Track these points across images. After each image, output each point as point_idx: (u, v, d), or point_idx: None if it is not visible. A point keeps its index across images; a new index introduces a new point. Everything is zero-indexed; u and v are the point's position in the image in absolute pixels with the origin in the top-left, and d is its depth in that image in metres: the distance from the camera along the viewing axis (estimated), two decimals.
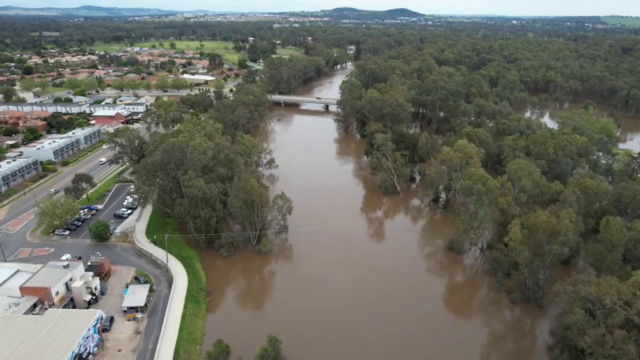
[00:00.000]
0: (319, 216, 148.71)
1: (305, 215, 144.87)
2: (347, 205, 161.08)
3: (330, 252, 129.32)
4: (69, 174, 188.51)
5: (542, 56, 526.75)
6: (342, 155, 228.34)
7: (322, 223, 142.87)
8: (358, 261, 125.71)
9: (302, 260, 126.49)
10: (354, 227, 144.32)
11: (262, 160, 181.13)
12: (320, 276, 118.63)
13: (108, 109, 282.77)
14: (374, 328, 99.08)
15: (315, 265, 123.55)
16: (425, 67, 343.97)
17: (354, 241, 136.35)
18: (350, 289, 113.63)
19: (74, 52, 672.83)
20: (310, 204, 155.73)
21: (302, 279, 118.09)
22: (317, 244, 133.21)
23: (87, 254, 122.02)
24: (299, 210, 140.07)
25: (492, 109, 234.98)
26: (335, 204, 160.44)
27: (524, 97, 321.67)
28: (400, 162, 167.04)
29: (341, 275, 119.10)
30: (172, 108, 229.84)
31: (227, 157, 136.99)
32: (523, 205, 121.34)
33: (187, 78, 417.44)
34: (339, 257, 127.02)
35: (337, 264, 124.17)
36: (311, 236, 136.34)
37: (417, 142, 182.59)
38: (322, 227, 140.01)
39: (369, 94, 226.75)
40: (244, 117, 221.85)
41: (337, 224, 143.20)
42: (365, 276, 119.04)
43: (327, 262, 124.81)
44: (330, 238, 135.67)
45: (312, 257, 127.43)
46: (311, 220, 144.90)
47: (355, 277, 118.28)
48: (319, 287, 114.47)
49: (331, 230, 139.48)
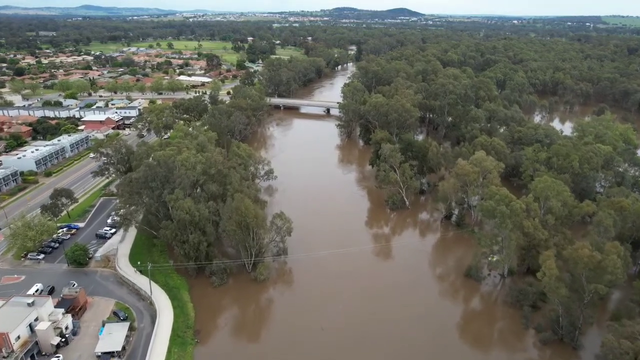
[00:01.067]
0: (322, 236, 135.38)
1: (306, 235, 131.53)
2: (351, 222, 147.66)
3: (334, 278, 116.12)
4: (52, 185, 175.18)
5: (548, 57, 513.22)
6: (345, 163, 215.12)
7: (325, 245, 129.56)
8: (365, 288, 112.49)
9: (303, 288, 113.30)
10: (360, 249, 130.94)
11: (259, 171, 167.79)
12: (323, 306, 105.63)
13: (99, 113, 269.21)
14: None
15: (317, 294, 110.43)
16: (430, 68, 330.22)
17: (360, 265, 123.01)
18: (357, 320, 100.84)
19: (69, 53, 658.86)
20: (311, 222, 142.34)
21: (303, 309, 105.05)
22: (320, 269, 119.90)
23: (62, 282, 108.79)
24: (300, 229, 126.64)
25: (504, 115, 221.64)
26: (339, 221, 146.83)
27: (533, 100, 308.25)
28: (409, 174, 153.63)
29: (346, 305, 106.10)
30: (164, 113, 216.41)
31: (219, 172, 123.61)
32: (550, 228, 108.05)
33: (183, 80, 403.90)
34: (344, 284, 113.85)
35: (341, 292, 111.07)
36: (313, 260, 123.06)
37: (426, 151, 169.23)
38: (324, 252, 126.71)
39: (374, 98, 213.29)
40: (241, 123, 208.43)
41: (341, 249, 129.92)
42: (374, 305, 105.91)
43: (331, 289, 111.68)
44: (334, 262, 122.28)
45: (314, 284, 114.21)
46: (313, 241, 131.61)
47: (362, 307, 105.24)
48: (323, 318, 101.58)
49: (335, 253, 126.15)
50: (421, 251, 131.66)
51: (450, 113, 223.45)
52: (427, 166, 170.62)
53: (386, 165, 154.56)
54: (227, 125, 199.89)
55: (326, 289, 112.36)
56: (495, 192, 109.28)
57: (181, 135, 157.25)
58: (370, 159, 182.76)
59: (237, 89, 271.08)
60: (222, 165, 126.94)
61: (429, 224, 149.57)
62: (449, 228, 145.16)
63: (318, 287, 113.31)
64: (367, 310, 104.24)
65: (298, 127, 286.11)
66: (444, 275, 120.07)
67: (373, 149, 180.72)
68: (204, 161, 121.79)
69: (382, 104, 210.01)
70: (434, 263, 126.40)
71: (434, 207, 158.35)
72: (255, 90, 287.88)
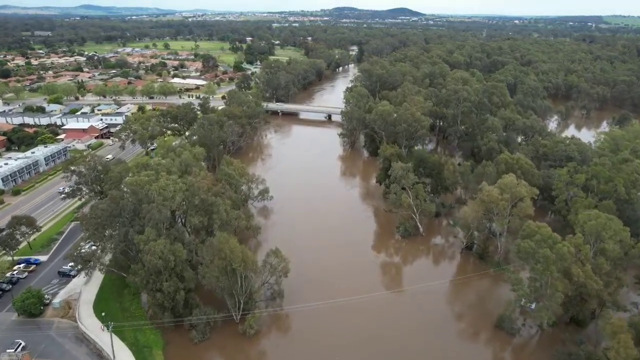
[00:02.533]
0: (325, 275, 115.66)
1: (306, 273, 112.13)
2: (359, 255, 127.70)
3: (339, 329, 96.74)
4: (20, 205, 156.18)
5: (557, 58, 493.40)
6: (349, 177, 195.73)
7: (328, 288, 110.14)
8: (376, 340, 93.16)
9: (302, 343, 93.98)
10: (369, 296, 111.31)
11: (252, 191, 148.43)
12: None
13: (82, 120, 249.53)
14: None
15: (319, 350, 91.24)
16: (438, 71, 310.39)
17: (369, 310, 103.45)
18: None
19: (62, 53, 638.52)
20: (312, 255, 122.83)
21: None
22: (322, 318, 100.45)
23: (7, 341, 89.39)
24: (298, 266, 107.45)
25: (523, 124, 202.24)
26: (345, 254, 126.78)
27: (548, 106, 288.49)
28: (423, 196, 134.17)
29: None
30: (150, 123, 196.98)
31: (203, 201, 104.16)
32: (603, 275, 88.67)
33: (176, 83, 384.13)
34: (351, 336, 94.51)
35: (348, 346, 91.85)
36: (313, 306, 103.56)
37: (441, 168, 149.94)
38: (327, 302, 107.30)
39: (380, 106, 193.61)
40: (234, 134, 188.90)
41: (347, 297, 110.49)
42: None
43: (336, 343, 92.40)
44: (338, 310, 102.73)
45: (315, 337, 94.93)
46: (314, 281, 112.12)
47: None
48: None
49: (339, 295, 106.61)
50: (440, 293, 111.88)
51: (463, 122, 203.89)
52: (443, 185, 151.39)
53: (397, 186, 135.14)
54: (218, 136, 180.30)
55: (329, 342, 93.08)
56: (535, 230, 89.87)
57: (162, 152, 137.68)
58: (378, 175, 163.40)
59: (232, 94, 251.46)
60: (206, 194, 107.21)
61: (447, 255, 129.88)
62: (471, 261, 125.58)
63: (319, 340, 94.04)
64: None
65: (297, 134, 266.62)
66: (469, 327, 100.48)
67: (381, 164, 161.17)
68: (185, 189, 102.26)
69: (389, 112, 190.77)
70: (457, 310, 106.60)
71: (451, 233, 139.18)
72: (252, 96, 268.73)
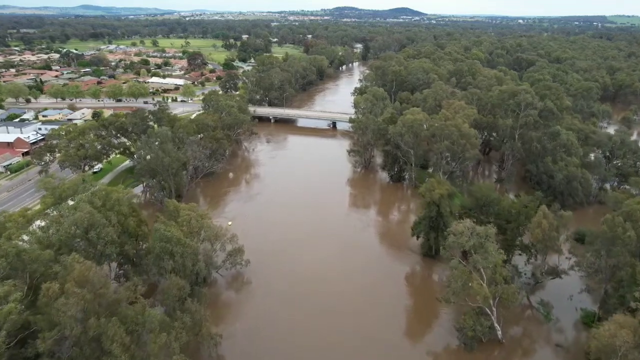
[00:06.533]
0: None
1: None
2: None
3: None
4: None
5: (587, 55, 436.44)
6: (363, 216, 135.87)
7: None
8: None
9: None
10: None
11: (216, 252, 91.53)
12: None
13: (14, 128, 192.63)
14: None
15: None
16: (466, 68, 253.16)
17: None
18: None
19: (38, 50, 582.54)
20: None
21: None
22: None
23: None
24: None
25: (604, 138, 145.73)
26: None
27: (607, 111, 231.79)
28: (502, 275, 76.72)
29: None
30: (86, 137, 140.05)
31: (99, 326, 47.18)
32: None
33: (155, 82, 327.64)
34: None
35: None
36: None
37: (519, 218, 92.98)
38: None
39: (409, 114, 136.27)
40: (200, 154, 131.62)
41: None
42: None
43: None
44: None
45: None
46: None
47: None
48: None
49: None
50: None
51: (522, 136, 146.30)
52: (522, 245, 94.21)
53: (457, 260, 77.82)
54: (176, 159, 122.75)
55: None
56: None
57: (51, 200, 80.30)
58: (415, 226, 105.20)
59: (209, 96, 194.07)
60: (112, 306, 50.26)
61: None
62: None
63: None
64: None
65: (293, 148, 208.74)
66: None
67: (425, 210, 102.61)
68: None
69: (421, 122, 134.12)
70: None
71: (549, 338, 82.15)
72: (238, 98, 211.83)
